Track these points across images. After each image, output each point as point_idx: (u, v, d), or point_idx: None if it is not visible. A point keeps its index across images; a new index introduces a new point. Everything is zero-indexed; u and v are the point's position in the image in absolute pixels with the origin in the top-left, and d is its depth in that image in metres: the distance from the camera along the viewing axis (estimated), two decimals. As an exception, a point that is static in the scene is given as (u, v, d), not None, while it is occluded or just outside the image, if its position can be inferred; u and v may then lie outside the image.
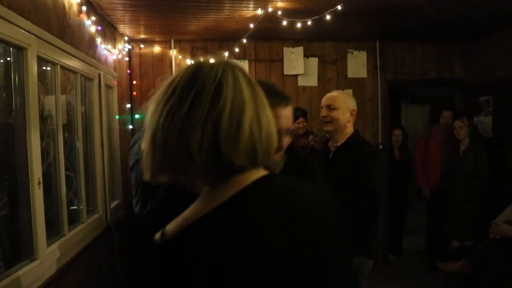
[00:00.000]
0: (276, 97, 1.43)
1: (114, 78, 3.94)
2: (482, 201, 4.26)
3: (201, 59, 0.84)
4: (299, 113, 4.15)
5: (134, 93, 4.67)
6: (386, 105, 4.99)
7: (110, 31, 3.89)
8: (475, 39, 4.93)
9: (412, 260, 5.14)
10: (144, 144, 0.80)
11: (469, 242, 4.20)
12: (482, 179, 4.27)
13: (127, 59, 4.57)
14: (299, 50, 4.81)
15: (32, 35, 2.11)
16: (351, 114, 2.48)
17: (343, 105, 2.46)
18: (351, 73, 4.92)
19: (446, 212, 4.60)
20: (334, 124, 2.44)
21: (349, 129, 2.49)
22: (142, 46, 4.67)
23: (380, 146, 4.95)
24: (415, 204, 6.35)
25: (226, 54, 4.59)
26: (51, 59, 2.45)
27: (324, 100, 2.54)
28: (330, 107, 2.46)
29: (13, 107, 2.07)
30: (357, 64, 4.92)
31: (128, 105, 4.57)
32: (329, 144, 2.59)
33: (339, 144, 2.48)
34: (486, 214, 3.95)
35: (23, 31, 2.02)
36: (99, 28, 3.39)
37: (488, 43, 4.82)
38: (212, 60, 0.84)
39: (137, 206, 3.61)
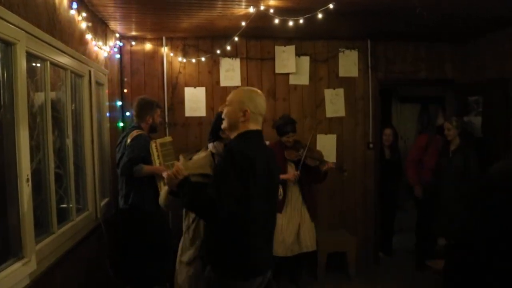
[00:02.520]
0: None
1: (105, 75, 3.91)
2: (471, 200, 4.28)
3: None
4: (288, 127, 4.03)
5: (125, 90, 4.64)
6: (377, 104, 5.01)
7: (101, 28, 3.86)
8: (466, 40, 4.97)
9: (402, 258, 5.18)
10: None
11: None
12: (471, 179, 4.29)
13: (118, 56, 4.54)
14: (291, 48, 4.81)
15: (21, 30, 2.09)
16: (244, 113, 2.13)
17: (235, 102, 2.19)
18: (342, 72, 4.94)
19: (436, 211, 4.62)
20: (225, 121, 2.21)
21: (241, 130, 2.16)
22: (133, 43, 4.64)
23: (371, 145, 4.97)
24: (405, 202, 6.36)
25: (218, 52, 4.58)
26: (41, 55, 2.42)
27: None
28: (226, 102, 2.23)
29: (2, 104, 2.04)
30: (348, 63, 4.94)
31: (119, 103, 4.54)
32: None
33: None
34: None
35: (11, 25, 1.99)
36: (90, 24, 3.36)
37: (479, 44, 4.87)
38: None
39: (121, 200, 3.63)
